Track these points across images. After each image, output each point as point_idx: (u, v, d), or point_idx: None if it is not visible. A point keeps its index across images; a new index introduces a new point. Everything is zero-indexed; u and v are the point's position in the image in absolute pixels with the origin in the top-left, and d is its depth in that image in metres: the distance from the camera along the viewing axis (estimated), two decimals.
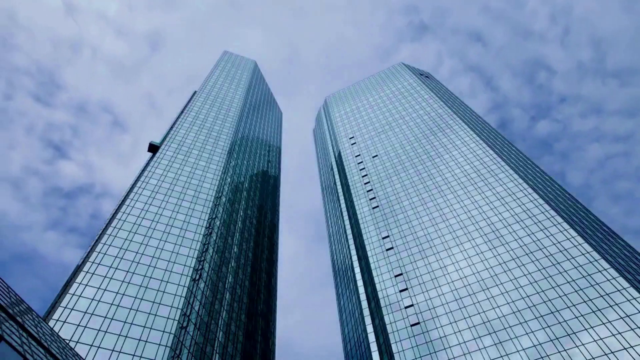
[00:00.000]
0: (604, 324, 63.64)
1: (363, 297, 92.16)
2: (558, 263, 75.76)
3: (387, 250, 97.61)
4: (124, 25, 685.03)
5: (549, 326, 67.03)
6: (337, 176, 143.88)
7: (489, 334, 70.58)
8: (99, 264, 70.89)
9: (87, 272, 68.64)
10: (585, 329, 64.07)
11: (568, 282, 71.89)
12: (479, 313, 74.56)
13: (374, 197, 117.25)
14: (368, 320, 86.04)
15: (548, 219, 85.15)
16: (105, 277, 68.97)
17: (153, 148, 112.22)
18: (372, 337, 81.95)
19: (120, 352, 58.70)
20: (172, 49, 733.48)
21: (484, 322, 72.70)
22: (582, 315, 66.09)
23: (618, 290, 66.82)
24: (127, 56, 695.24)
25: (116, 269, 71.36)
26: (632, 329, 61.17)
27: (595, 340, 62.13)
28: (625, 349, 59.37)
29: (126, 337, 61.01)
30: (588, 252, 74.86)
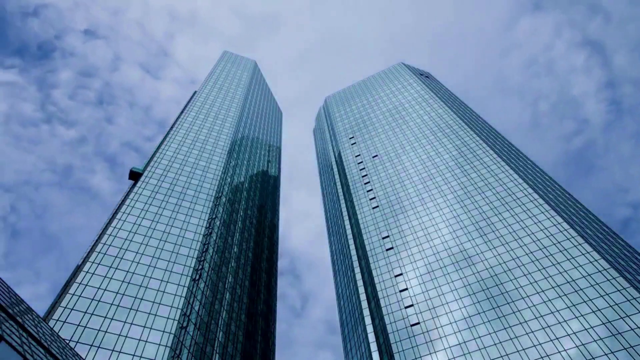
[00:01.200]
0: (603, 324, 63.64)
1: (363, 297, 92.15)
2: (558, 263, 75.77)
3: (387, 250, 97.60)
4: (240, 4, 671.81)
5: (548, 326, 67.02)
6: (337, 176, 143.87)
7: (489, 334, 70.58)
8: (99, 264, 70.90)
9: (87, 272, 68.65)
10: (585, 329, 64.07)
11: (568, 282, 71.91)
12: (479, 313, 74.56)
13: (374, 197, 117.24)
14: (368, 320, 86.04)
15: (548, 219, 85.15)
16: (105, 277, 68.99)
17: (134, 175, 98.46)
18: (372, 337, 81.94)
19: (120, 352, 58.71)
20: (285, 31, 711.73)
21: (484, 322, 72.71)
22: (582, 315, 66.09)
23: (618, 291, 66.82)
24: (240, 35, 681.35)
25: (116, 269, 71.37)
26: (632, 329, 61.17)
27: (595, 341, 62.13)
28: (625, 349, 59.38)
29: (126, 337, 61.02)
30: (588, 252, 74.87)
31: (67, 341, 56.64)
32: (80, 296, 64.08)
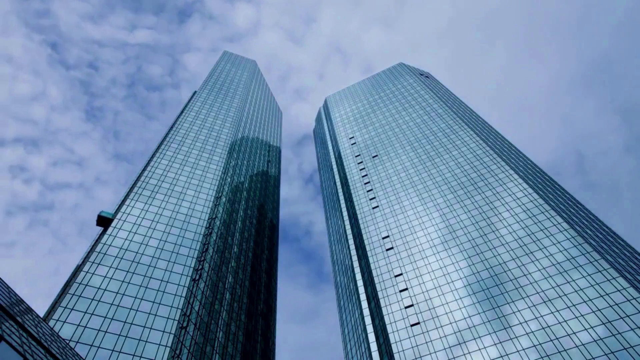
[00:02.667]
0: (603, 324, 63.64)
1: (363, 297, 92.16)
2: (558, 263, 75.77)
3: (387, 250, 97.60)
4: None
5: (548, 326, 67.03)
6: (337, 176, 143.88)
7: (489, 334, 70.58)
8: (99, 264, 70.91)
9: (87, 272, 68.66)
10: (585, 329, 64.08)
11: (568, 282, 71.91)
12: (479, 313, 74.55)
13: (374, 197, 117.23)
14: (368, 320, 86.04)
15: (548, 219, 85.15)
16: (105, 277, 68.99)
17: (102, 221, 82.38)
18: (372, 337, 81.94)
19: (120, 352, 58.72)
20: (421, 8, 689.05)
21: (484, 322, 72.70)
22: (582, 315, 66.10)
23: (618, 291, 66.82)
24: (387, 8, 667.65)
25: (116, 269, 71.37)
26: (632, 329, 61.17)
27: (595, 341, 62.14)
28: (625, 349, 59.39)
29: (126, 337, 61.02)
30: (588, 252, 74.87)
31: (67, 341, 56.63)
32: (80, 296, 64.08)
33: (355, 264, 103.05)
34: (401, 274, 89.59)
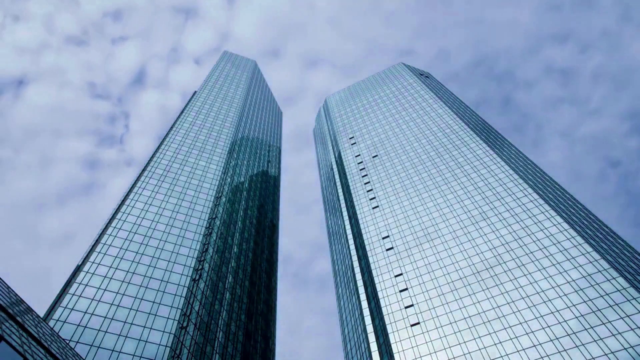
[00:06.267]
0: (604, 324, 63.64)
1: (363, 297, 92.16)
2: (558, 263, 75.77)
3: (387, 250, 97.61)
4: None
5: (548, 326, 67.03)
6: (337, 176, 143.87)
7: (489, 334, 70.59)
8: (99, 264, 70.92)
9: (87, 272, 68.67)
10: (585, 329, 64.07)
11: (568, 282, 71.92)
12: (479, 313, 74.54)
13: (374, 197, 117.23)
14: (368, 320, 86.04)
15: (548, 219, 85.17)
16: (105, 277, 69.01)
17: None
18: (372, 337, 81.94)
19: (120, 352, 58.74)
20: None
21: (484, 322, 72.70)
22: (582, 316, 66.10)
23: (618, 291, 66.82)
24: None
25: (116, 269, 71.39)
26: (632, 329, 61.17)
27: (595, 341, 62.14)
28: (625, 349, 59.38)
29: (126, 337, 61.04)
30: (588, 252, 74.88)
31: (67, 341, 56.65)
32: (80, 296, 64.10)
33: (355, 264, 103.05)
34: (401, 274, 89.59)
